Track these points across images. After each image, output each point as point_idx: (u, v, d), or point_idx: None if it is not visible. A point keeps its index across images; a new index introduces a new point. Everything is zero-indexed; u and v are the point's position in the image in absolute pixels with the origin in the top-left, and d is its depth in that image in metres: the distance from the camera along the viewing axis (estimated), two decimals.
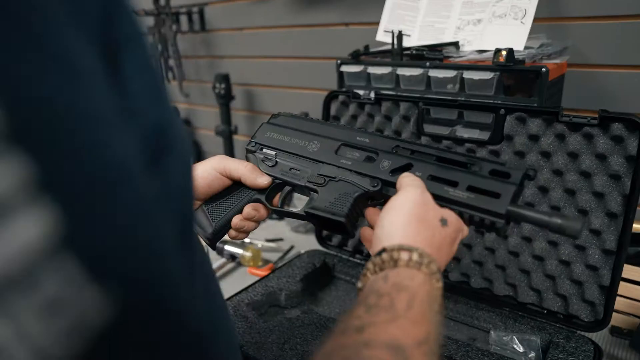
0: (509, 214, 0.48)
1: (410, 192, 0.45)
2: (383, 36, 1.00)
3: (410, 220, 0.43)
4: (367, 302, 0.35)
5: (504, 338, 0.72)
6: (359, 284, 0.41)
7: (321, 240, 0.99)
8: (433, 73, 0.86)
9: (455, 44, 0.90)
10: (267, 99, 1.49)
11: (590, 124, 0.68)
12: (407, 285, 0.36)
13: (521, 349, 0.70)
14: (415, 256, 0.39)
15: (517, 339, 0.71)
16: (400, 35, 0.92)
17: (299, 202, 0.70)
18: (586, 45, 0.89)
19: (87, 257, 0.12)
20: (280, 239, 1.14)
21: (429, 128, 0.84)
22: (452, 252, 0.46)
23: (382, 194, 0.55)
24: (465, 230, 0.49)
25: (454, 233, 0.46)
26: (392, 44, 0.93)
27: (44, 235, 0.11)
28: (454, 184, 0.51)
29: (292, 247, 1.10)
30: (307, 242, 1.06)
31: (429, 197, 0.46)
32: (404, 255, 0.39)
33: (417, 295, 0.35)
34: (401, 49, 0.93)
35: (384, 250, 0.40)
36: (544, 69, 0.75)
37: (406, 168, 0.55)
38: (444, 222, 0.45)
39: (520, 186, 0.50)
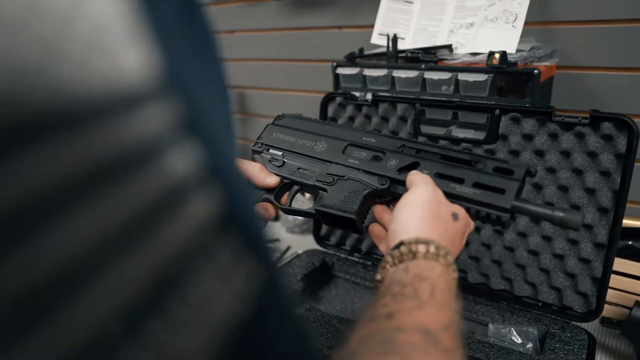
0: (514, 208, 0.50)
1: (423, 189, 0.47)
2: (378, 39, 1.02)
3: (424, 215, 0.45)
4: (392, 291, 0.37)
5: (502, 330, 0.75)
6: (378, 276, 0.43)
7: (319, 239, 1.00)
8: (428, 75, 0.88)
9: (449, 47, 0.93)
10: (260, 102, 1.50)
11: (582, 123, 0.71)
12: (427, 276, 0.38)
13: (519, 340, 0.73)
14: (432, 248, 0.41)
15: (515, 331, 0.74)
16: (395, 38, 0.95)
17: (294, 203, 0.72)
18: (573, 48, 0.92)
19: (243, 230, 0.14)
20: (277, 240, 1.16)
21: (425, 128, 0.86)
22: (462, 245, 0.48)
23: (390, 191, 0.57)
24: (472, 224, 0.52)
25: (463, 227, 0.48)
26: (388, 46, 0.95)
27: (215, 213, 0.12)
28: (460, 181, 0.53)
29: (288, 248, 1.11)
30: (303, 243, 1.08)
31: (440, 194, 0.48)
32: (422, 248, 0.41)
33: (437, 284, 0.37)
34: (396, 51, 0.95)
35: (401, 243, 0.42)
36: (536, 71, 0.78)
37: (413, 166, 0.57)
38: (455, 216, 0.47)
39: (522, 182, 0.53)
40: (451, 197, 0.52)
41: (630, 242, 0.85)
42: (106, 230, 0.09)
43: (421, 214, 0.45)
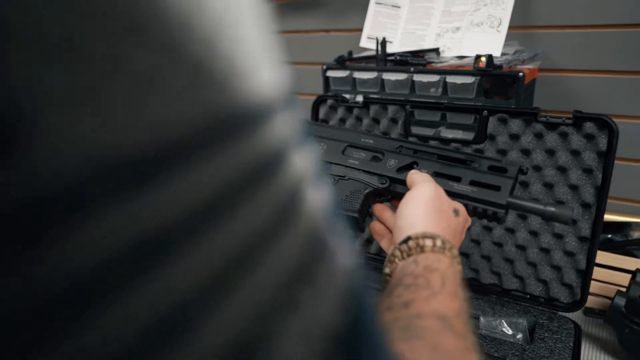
0: (509, 204, 0.53)
1: (426, 186, 0.50)
2: (366, 42, 1.05)
3: (429, 211, 0.47)
4: (404, 282, 0.39)
5: (493, 322, 0.78)
6: (387, 270, 0.45)
7: None
8: (417, 77, 0.91)
9: (436, 50, 0.96)
10: None
11: (565, 123, 0.75)
12: (437, 267, 0.40)
13: (510, 332, 0.76)
14: (438, 242, 0.43)
15: (506, 323, 0.77)
16: (384, 42, 0.98)
17: None
18: (554, 52, 0.97)
19: (338, 216, 0.16)
20: None
21: (415, 129, 0.89)
22: (462, 239, 0.51)
23: (389, 190, 0.59)
24: (469, 220, 0.54)
25: (463, 222, 0.51)
26: (377, 50, 0.98)
27: (325, 204, 0.14)
28: (457, 179, 0.56)
29: None
30: None
31: (442, 191, 0.51)
32: (428, 242, 0.44)
33: (447, 275, 0.40)
34: (385, 54, 0.98)
35: (409, 238, 0.44)
36: (521, 74, 0.82)
37: (411, 166, 0.59)
38: (456, 212, 0.50)
39: (515, 180, 0.56)
40: (450, 194, 0.54)
41: (610, 236, 0.90)
42: (266, 221, 0.11)
43: (426, 210, 0.47)
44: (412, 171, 0.56)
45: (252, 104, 0.11)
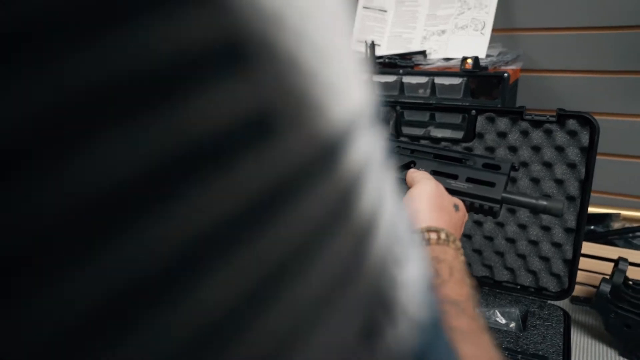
0: (504, 199, 0.57)
1: (427, 184, 0.53)
2: (355, 46, 1.08)
3: (431, 207, 0.50)
4: None
5: (486, 313, 0.82)
6: None
7: None
8: (406, 79, 0.95)
9: (423, 53, 0.99)
10: None
11: (550, 121, 0.79)
12: (444, 258, 0.43)
13: (503, 321, 0.79)
14: (443, 235, 0.46)
15: (499, 312, 0.81)
16: (372, 45, 1.01)
17: None
18: (535, 53, 1.01)
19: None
20: None
21: (405, 129, 0.92)
22: (461, 232, 0.54)
23: None
24: (467, 215, 0.57)
25: (463, 217, 0.54)
26: (366, 53, 1.01)
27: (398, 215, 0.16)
28: (454, 177, 0.59)
29: None
30: None
31: (442, 188, 0.54)
32: (434, 235, 0.46)
33: (453, 265, 0.42)
34: (374, 57, 1.01)
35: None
36: (506, 74, 0.85)
37: (409, 165, 0.62)
38: (456, 207, 0.53)
39: (508, 176, 0.59)
40: (448, 191, 0.57)
41: (592, 227, 0.95)
42: (360, 235, 0.13)
43: (428, 206, 0.50)
44: (412, 170, 0.59)
45: (343, 121, 0.13)
